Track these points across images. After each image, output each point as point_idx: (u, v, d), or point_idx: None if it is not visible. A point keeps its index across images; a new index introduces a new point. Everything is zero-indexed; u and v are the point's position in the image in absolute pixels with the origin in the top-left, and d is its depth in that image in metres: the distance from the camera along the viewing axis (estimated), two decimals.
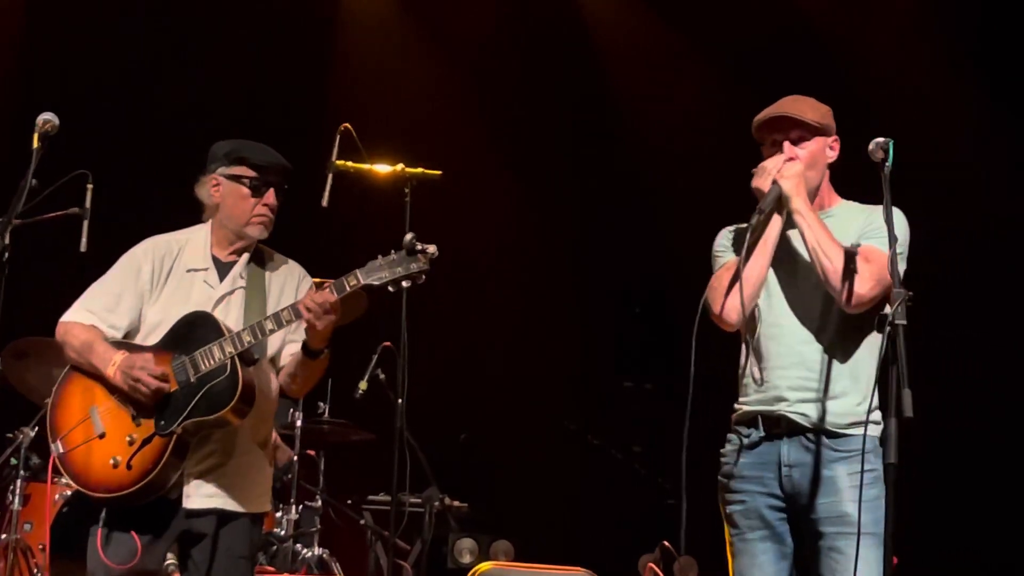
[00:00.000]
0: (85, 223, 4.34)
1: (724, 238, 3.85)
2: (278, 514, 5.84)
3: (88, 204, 4.68)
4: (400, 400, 4.95)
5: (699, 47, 7.57)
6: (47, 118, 3.97)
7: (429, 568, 6.24)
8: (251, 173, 4.04)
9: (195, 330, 3.85)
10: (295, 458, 5.83)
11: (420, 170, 5.04)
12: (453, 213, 7.18)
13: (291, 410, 5.89)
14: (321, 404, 6.22)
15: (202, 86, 7.30)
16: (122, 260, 4.07)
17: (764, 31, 7.29)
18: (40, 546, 5.13)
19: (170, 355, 3.86)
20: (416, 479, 5.74)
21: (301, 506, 5.97)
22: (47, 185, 3.99)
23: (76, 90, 6.98)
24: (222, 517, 3.89)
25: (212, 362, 3.80)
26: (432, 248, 3.79)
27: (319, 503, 6.13)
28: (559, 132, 7.86)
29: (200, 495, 3.86)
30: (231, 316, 3.95)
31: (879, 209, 3.66)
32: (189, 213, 4.21)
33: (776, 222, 3.63)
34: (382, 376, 5.80)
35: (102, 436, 3.85)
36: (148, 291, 3.99)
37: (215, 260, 4.06)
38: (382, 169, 5.04)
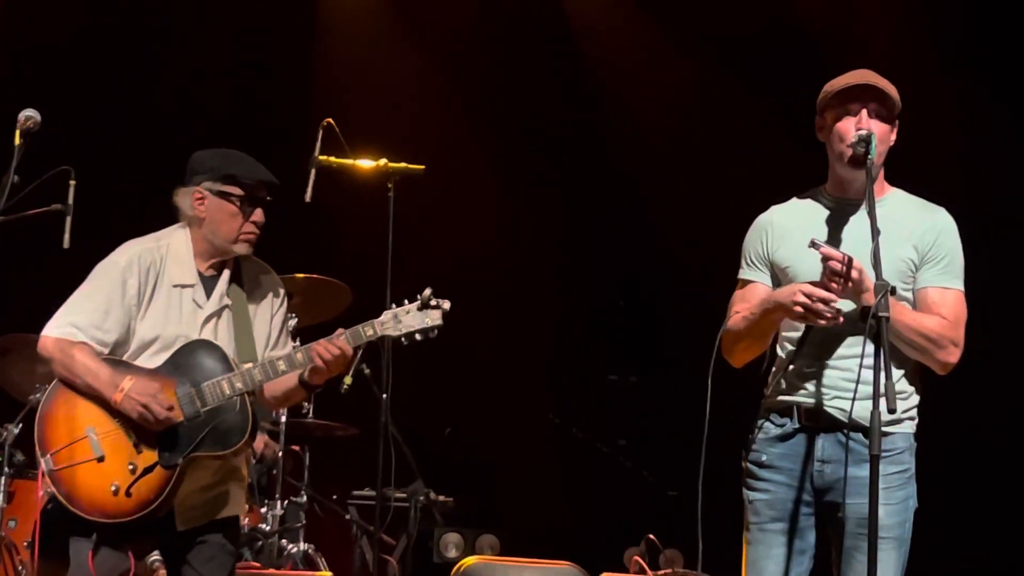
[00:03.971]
0: (68, 219, 4.32)
1: (756, 240, 3.69)
2: (263, 509, 5.85)
3: (71, 200, 4.67)
4: (385, 395, 4.96)
5: (693, 44, 7.51)
6: (29, 115, 3.97)
7: (415, 563, 6.26)
8: (240, 192, 3.94)
9: (199, 358, 3.82)
10: (280, 453, 5.82)
11: (403, 165, 5.03)
12: (441, 208, 7.16)
13: None
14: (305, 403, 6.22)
15: (187, 82, 7.27)
16: (105, 270, 3.96)
17: (759, 29, 7.23)
18: (25, 543, 5.12)
19: (174, 382, 3.82)
20: (401, 474, 5.74)
21: (286, 501, 5.96)
22: (32, 182, 3.99)
23: (70, 88, 6.96)
24: (212, 522, 3.93)
25: (221, 397, 3.79)
26: (447, 304, 3.82)
27: (304, 498, 6.12)
28: (549, 127, 7.80)
29: (191, 513, 3.89)
30: (221, 338, 3.91)
31: (940, 217, 3.59)
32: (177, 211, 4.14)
33: (782, 319, 3.53)
34: (367, 371, 5.79)
35: (101, 459, 3.79)
36: (135, 305, 3.89)
37: (200, 275, 3.97)
38: (365, 164, 5.03)
